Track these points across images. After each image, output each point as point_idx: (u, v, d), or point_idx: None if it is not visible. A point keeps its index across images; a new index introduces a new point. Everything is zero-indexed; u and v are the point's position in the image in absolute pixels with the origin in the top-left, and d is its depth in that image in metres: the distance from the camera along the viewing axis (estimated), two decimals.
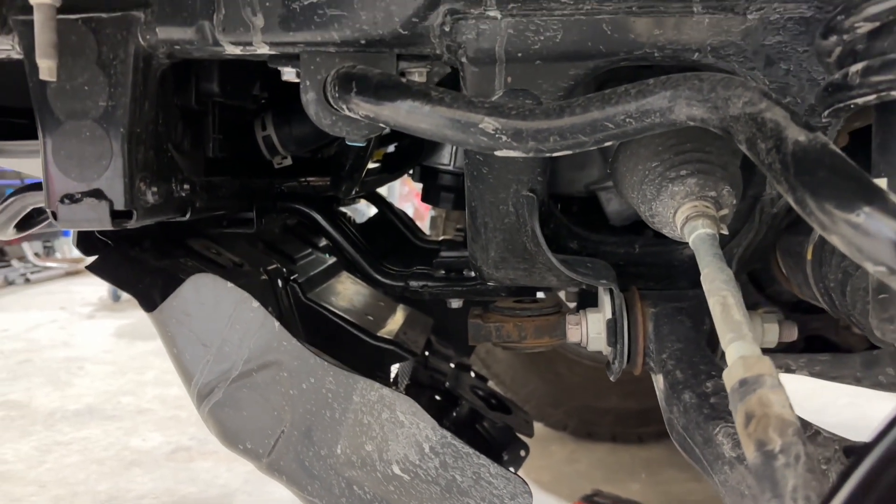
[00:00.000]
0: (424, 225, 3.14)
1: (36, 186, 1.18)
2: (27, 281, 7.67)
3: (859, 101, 0.69)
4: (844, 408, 3.41)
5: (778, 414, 0.58)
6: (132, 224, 0.96)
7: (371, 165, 2.00)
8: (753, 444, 0.57)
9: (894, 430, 0.56)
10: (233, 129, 1.30)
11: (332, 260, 1.78)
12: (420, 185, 1.74)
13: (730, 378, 0.63)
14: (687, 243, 0.83)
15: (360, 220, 2.08)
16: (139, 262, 1.15)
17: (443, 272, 1.53)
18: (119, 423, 3.60)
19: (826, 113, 0.75)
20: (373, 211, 2.09)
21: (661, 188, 0.88)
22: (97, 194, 0.94)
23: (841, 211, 0.59)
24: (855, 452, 0.79)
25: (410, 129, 0.87)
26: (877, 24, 0.68)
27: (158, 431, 3.47)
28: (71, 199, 0.94)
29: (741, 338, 0.66)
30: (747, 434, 0.58)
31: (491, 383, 2.99)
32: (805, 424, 0.88)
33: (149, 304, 1.07)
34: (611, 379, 1.12)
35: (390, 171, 1.94)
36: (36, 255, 8.22)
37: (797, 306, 1.30)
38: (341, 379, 1.00)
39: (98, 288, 6.97)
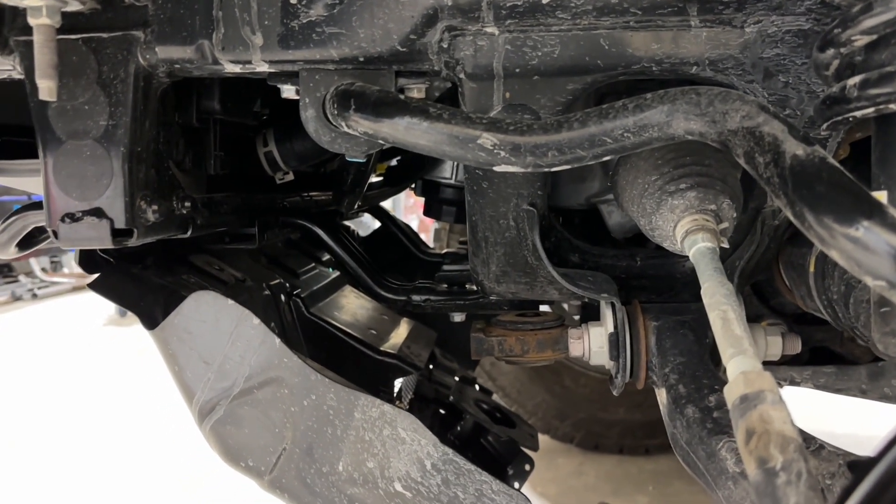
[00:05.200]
0: (429, 236, 3.14)
1: (37, 205, 1.18)
2: (34, 296, 7.69)
3: (857, 114, 0.68)
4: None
5: (779, 430, 0.57)
6: (133, 242, 0.96)
7: (374, 179, 2.01)
8: (754, 461, 0.57)
9: None
10: (234, 145, 1.30)
11: (335, 274, 1.78)
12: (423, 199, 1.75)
13: (731, 394, 0.62)
14: (688, 256, 0.82)
15: (364, 232, 2.08)
16: (141, 280, 1.15)
17: (445, 286, 1.52)
18: None
19: (825, 126, 0.75)
20: (377, 223, 2.09)
21: (661, 202, 0.88)
22: (98, 213, 0.94)
23: (840, 225, 0.59)
24: (859, 467, 0.79)
25: (409, 145, 0.87)
26: (874, 36, 0.67)
27: None
28: (72, 217, 0.94)
29: (742, 353, 0.66)
30: (748, 451, 0.58)
31: (497, 396, 2.99)
32: (808, 438, 0.87)
33: (150, 321, 1.07)
34: (614, 393, 1.12)
35: (393, 184, 1.94)
36: (43, 270, 8.25)
37: (801, 318, 1.29)
38: (342, 395, 1.00)
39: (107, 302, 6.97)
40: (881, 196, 0.70)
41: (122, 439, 3.59)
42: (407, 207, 8.50)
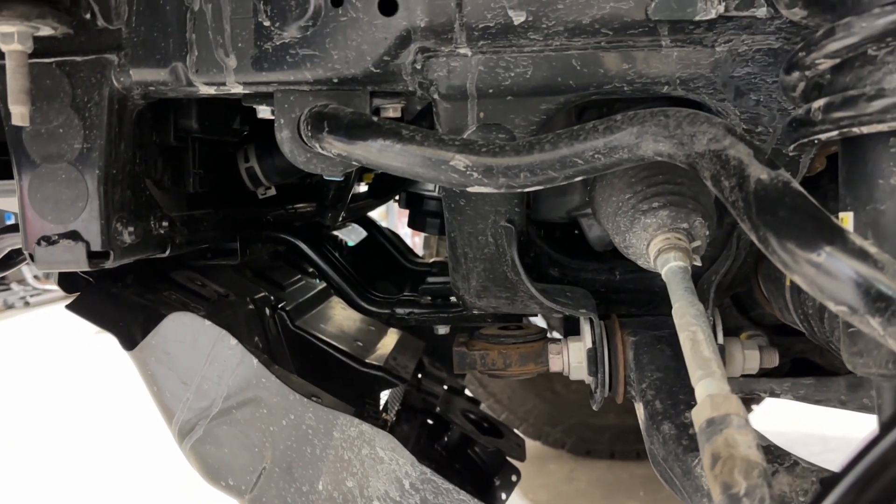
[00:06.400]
0: (420, 242, 3.14)
1: (14, 228, 1.18)
2: (27, 304, 7.66)
3: (822, 136, 0.69)
4: None
5: (744, 455, 0.58)
6: (109, 264, 0.96)
7: (361, 189, 2.01)
8: (719, 486, 0.57)
9: (861, 462, 0.56)
10: (214, 162, 1.30)
11: (321, 285, 1.78)
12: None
13: (698, 417, 0.63)
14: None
15: (357, 238, 2.08)
16: (119, 299, 1.15)
17: (429, 299, 1.53)
18: None
19: (791, 147, 0.75)
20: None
21: (634, 220, 0.88)
22: (74, 236, 0.94)
23: (802, 250, 0.60)
24: (830, 484, 0.79)
25: (382, 166, 0.87)
26: (837, 60, 0.68)
27: None
28: (48, 240, 0.95)
29: (710, 375, 0.66)
30: (714, 476, 0.58)
31: (488, 403, 2.99)
32: (783, 454, 0.87)
33: (128, 342, 1.07)
34: (593, 408, 1.12)
35: (377, 196, 1.94)
36: (35, 277, 8.21)
37: (781, 329, 1.29)
38: (321, 415, 1.00)
39: None
40: (848, 217, 0.70)
41: (119, 442, 3.58)
42: (400, 213, 8.49)
